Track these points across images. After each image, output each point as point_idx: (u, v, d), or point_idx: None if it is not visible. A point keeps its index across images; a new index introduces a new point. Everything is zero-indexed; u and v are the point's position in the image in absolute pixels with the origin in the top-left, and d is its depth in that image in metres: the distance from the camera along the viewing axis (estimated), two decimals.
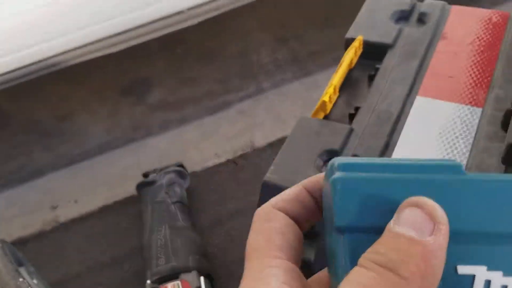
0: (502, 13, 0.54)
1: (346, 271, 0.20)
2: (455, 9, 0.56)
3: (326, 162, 0.45)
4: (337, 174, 0.21)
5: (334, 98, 0.50)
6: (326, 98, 0.47)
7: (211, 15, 1.04)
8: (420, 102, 0.48)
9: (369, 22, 0.55)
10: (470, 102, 0.47)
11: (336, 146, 0.45)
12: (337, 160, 0.22)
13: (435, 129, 0.46)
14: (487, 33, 0.52)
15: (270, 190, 0.43)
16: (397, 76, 0.50)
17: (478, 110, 0.46)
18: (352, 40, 0.54)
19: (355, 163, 0.22)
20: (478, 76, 0.49)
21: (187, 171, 0.79)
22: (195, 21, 1.03)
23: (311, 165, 0.44)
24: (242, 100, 0.94)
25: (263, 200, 0.23)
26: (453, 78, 0.49)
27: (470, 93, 0.48)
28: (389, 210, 0.20)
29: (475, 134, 0.44)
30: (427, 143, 0.45)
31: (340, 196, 0.21)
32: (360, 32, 0.54)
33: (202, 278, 0.63)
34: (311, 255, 0.42)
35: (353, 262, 0.20)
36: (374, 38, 0.54)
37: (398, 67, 0.51)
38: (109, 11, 0.95)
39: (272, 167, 0.45)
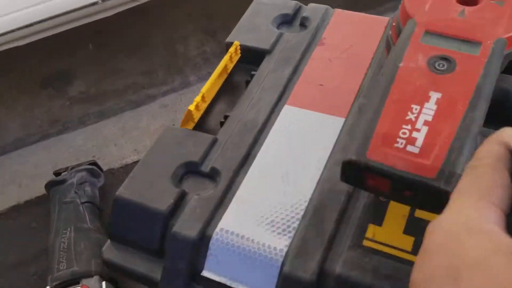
0: (383, 19, 0.54)
1: None
2: (338, 13, 0.55)
3: (184, 174, 0.45)
4: None
5: (204, 106, 0.50)
6: (192, 107, 0.47)
7: (131, 5, 1.02)
8: (287, 111, 0.48)
9: (251, 26, 0.55)
10: (335, 112, 0.47)
11: (196, 157, 0.45)
12: None
13: (298, 139, 0.46)
14: (364, 39, 0.52)
15: (122, 207, 0.43)
16: (269, 84, 0.50)
17: (342, 121, 0.46)
18: (231, 44, 0.53)
19: None
20: (348, 84, 0.49)
21: (101, 169, 0.78)
22: (118, 9, 1.01)
23: (167, 179, 0.44)
24: (166, 94, 0.93)
25: (115, 219, 0.23)
26: (323, 87, 0.49)
27: (337, 102, 0.48)
28: None
29: (334, 146, 0.44)
30: (288, 154, 0.45)
31: None
32: (240, 37, 0.54)
33: (104, 283, 0.63)
34: (158, 274, 0.42)
35: None
36: (253, 43, 0.53)
37: (272, 74, 0.51)
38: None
39: (126, 181, 0.44)
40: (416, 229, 0.38)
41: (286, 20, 0.56)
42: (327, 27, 0.54)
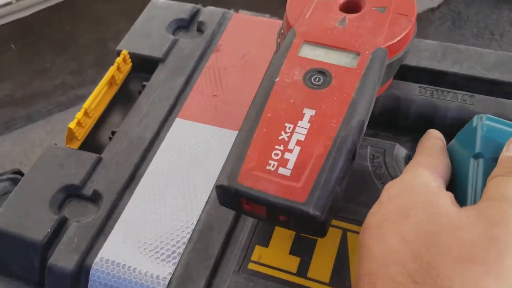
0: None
1: (478, 189, 0.31)
2: (236, 17, 0.53)
3: (66, 199, 0.42)
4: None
5: (89, 122, 0.47)
6: (72, 125, 0.44)
7: (55, 1, 0.97)
8: (177, 126, 0.45)
9: (144, 32, 0.52)
10: (229, 125, 0.45)
11: (77, 180, 0.42)
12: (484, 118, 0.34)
13: (188, 156, 0.44)
14: (262, 45, 0.50)
15: None
16: (160, 95, 0.47)
17: (236, 135, 0.44)
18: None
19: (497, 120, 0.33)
20: (244, 95, 0.47)
21: None
22: (46, 5, 0.96)
23: (46, 205, 0.41)
24: None
25: None
26: (217, 98, 0.47)
27: (232, 114, 0.46)
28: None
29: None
30: (176, 173, 0.43)
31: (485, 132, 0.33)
32: (132, 44, 0.51)
33: None
34: None
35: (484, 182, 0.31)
36: (145, 51, 0.51)
37: (164, 84, 0.48)
38: None
39: (1, 209, 0.41)
40: (301, 250, 0.37)
41: (182, 25, 0.53)
42: (224, 32, 0.52)
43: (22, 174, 0.71)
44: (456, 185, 0.34)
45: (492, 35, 1.38)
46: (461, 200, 0.31)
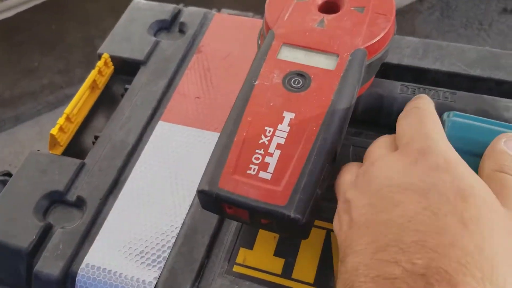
0: None
1: None
2: (218, 17, 0.54)
3: (51, 205, 0.43)
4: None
5: (71, 127, 0.47)
6: (54, 131, 0.45)
7: (41, 0, 0.97)
8: (160, 129, 0.46)
9: (125, 34, 0.53)
10: (212, 128, 0.46)
11: (61, 186, 0.43)
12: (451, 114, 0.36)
13: (171, 159, 0.44)
14: (245, 46, 0.51)
15: None
16: (142, 98, 0.48)
17: None
18: None
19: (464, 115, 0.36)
20: (226, 96, 0.48)
21: None
22: (32, 4, 0.96)
23: (30, 212, 0.42)
24: None
25: None
26: (200, 100, 0.48)
27: (215, 116, 0.46)
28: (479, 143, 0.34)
29: None
30: (160, 176, 0.43)
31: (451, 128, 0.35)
32: (113, 47, 0.52)
33: None
34: None
35: None
36: (126, 53, 0.51)
37: (146, 87, 0.49)
38: None
39: None
40: (286, 251, 0.38)
41: (164, 26, 0.54)
42: (206, 33, 0.52)
43: (11, 176, 0.71)
44: None
45: (481, 25, 1.39)
46: None
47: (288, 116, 0.34)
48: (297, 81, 0.36)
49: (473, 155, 0.34)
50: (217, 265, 0.38)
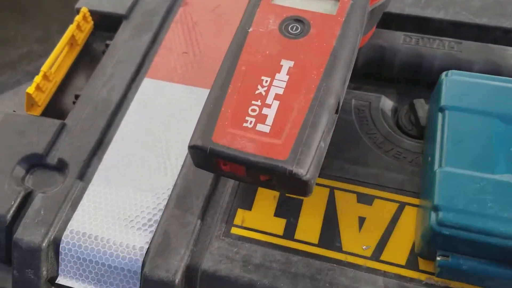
0: None
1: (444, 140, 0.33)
2: None
3: (30, 169, 0.41)
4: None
5: (49, 86, 0.45)
6: (30, 90, 0.42)
7: None
8: (146, 86, 0.44)
9: None
10: (202, 84, 0.44)
11: (40, 148, 0.41)
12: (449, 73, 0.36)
13: (159, 118, 0.42)
14: None
15: None
16: (125, 54, 0.46)
17: None
18: None
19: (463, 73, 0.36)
20: (216, 51, 0.45)
21: None
22: None
23: (8, 177, 0.40)
24: None
25: None
26: (187, 55, 0.45)
27: (204, 72, 0.44)
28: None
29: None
30: (148, 136, 0.41)
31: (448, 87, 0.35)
32: (93, 1, 0.49)
33: None
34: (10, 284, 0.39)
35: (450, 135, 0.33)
36: (106, 7, 0.49)
37: (129, 42, 0.46)
38: None
39: None
40: (287, 211, 0.37)
41: None
42: None
43: None
44: (429, 142, 0.36)
45: None
46: (430, 154, 0.33)
47: (286, 64, 0.32)
48: (295, 27, 0.34)
49: (474, 112, 0.34)
50: (213, 228, 0.37)
